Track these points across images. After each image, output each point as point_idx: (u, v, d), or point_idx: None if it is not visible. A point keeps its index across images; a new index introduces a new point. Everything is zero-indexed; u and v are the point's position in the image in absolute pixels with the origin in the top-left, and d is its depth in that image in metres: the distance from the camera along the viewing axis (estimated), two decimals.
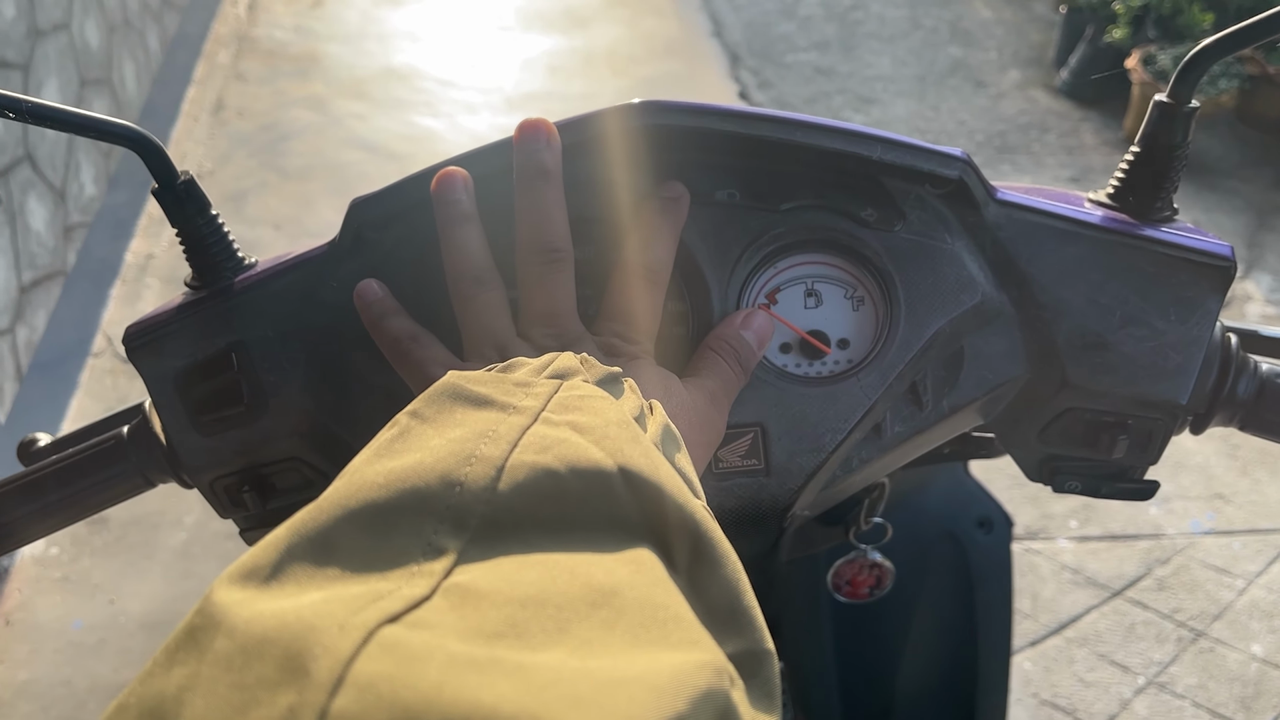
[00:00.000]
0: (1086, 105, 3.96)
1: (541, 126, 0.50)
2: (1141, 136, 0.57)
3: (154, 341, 0.56)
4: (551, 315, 0.49)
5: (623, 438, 0.33)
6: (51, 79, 2.63)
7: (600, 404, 0.36)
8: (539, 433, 0.32)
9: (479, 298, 0.49)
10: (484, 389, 0.35)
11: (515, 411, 0.34)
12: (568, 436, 0.32)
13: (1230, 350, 0.57)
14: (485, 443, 0.31)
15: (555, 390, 0.36)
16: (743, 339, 0.52)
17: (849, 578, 0.88)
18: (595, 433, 0.33)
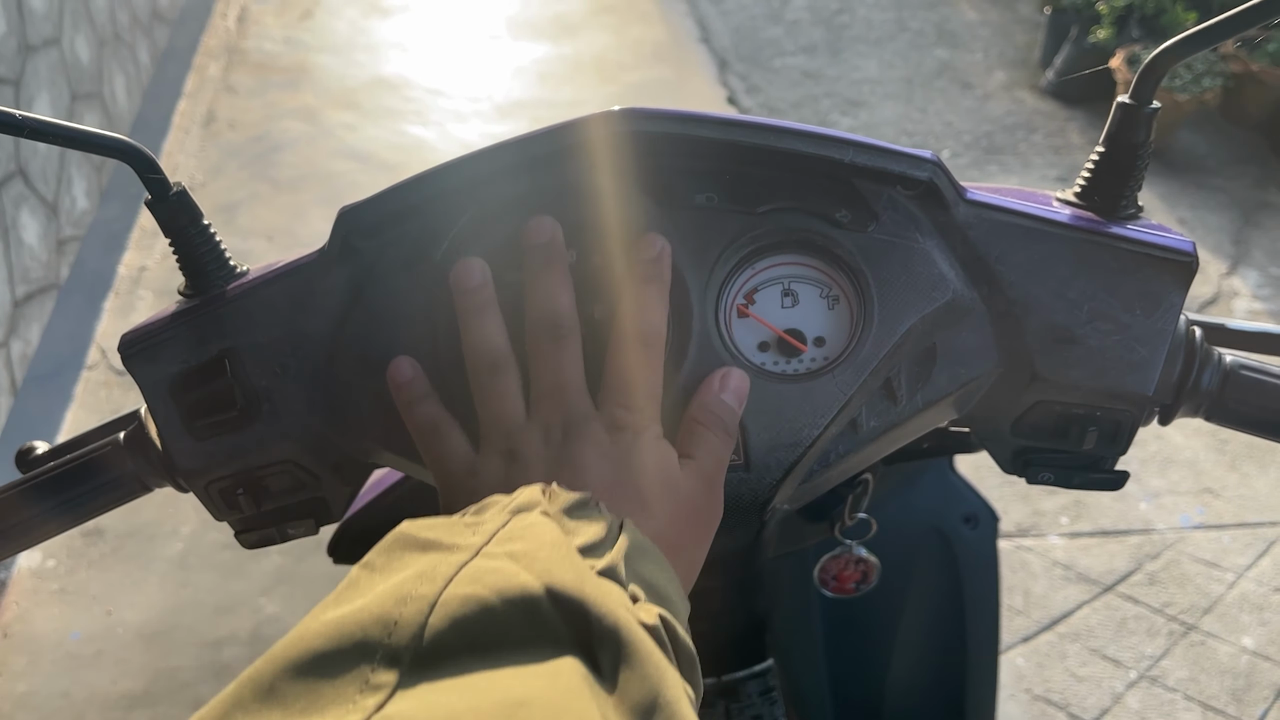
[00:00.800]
0: (1072, 105, 3.98)
1: (547, 222, 0.55)
2: (1105, 137, 0.58)
3: (149, 349, 0.57)
4: (558, 390, 0.52)
5: (553, 559, 0.36)
6: (43, 93, 2.64)
7: (539, 530, 0.38)
8: (476, 566, 0.35)
9: (494, 386, 0.53)
10: (431, 534, 0.38)
11: (457, 550, 0.36)
12: (502, 566, 0.35)
13: (1195, 343, 0.59)
14: (422, 582, 0.34)
15: (503, 524, 0.39)
16: (724, 404, 0.53)
17: (835, 573, 0.90)
18: (528, 558, 0.35)
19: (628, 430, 0.51)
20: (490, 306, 0.54)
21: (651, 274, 0.54)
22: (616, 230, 0.56)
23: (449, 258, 0.56)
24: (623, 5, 4.82)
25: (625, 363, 0.53)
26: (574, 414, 0.51)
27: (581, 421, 0.51)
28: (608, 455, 0.50)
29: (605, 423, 0.51)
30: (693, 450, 0.52)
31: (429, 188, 0.56)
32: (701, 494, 0.51)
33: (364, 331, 0.56)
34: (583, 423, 0.51)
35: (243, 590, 2.11)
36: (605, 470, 0.49)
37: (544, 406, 0.52)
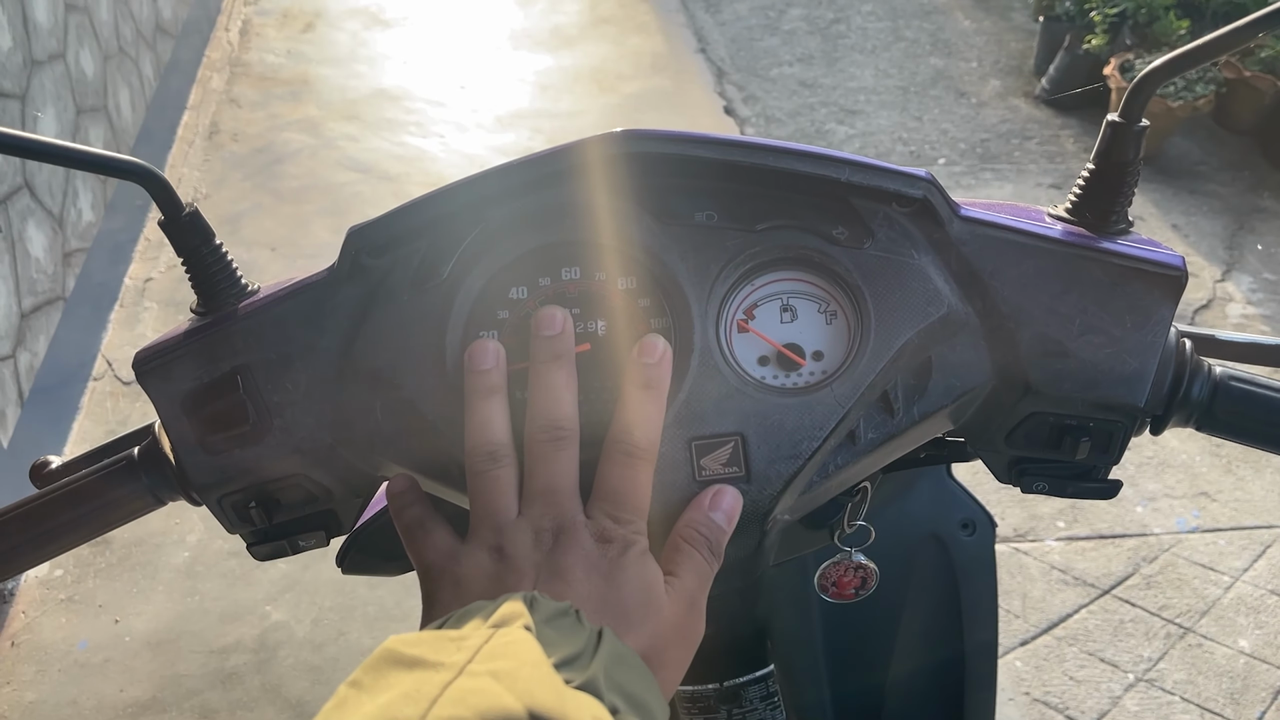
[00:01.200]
0: (1067, 112, 4.00)
1: (558, 315, 0.56)
2: (1096, 154, 0.60)
3: (163, 366, 0.59)
4: (551, 493, 0.53)
5: (534, 678, 0.37)
6: (48, 108, 2.66)
7: (521, 647, 0.39)
8: (460, 686, 0.36)
9: (489, 473, 0.53)
10: (417, 650, 0.39)
11: (442, 669, 0.37)
12: (485, 686, 0.36)
13: (1185, 354, 0.60)
14: (408, 704, 0.34)
15: (487, 640, 0.40)
16: (713, 522, 0.54)
17: (835, 579, 0.91)
18: (510, 677, 0.36)
19: (616, 542, 0.52)
20: (498, 393, 0.55)
21: (651, 380, 0.55)
22: (618, 247, 0.58)
23: (456, 275, 0.58)
24: (621, 16, 4.84)
25: (617, 473, 0.53)
26: (565, 519, 0.52)
27: (571, 528, 0.52)
28: (595, 566, 0.50)
29: (594, 532, 0.52)
30: (677, 569, 0.53)
31: (437, 207, 0.57)
32: (683, 614, 0.52)
33: (373, 348, 0.58)
34: (572, 529, 0.52)
35: (249, 598, 2.13)
36: (591, 581, 0.50)
37: (536, 507, 0.53)
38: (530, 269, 0.59)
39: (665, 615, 0.51)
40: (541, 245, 0.58)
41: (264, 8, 4.80)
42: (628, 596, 0.50)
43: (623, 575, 0.51)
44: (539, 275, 0.59)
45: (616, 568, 0.51)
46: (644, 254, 0.58)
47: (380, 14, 4.78)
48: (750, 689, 0.92)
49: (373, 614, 2.10)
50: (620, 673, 0.42)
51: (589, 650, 0.42)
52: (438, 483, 0.60)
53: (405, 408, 0.57)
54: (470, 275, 0.58)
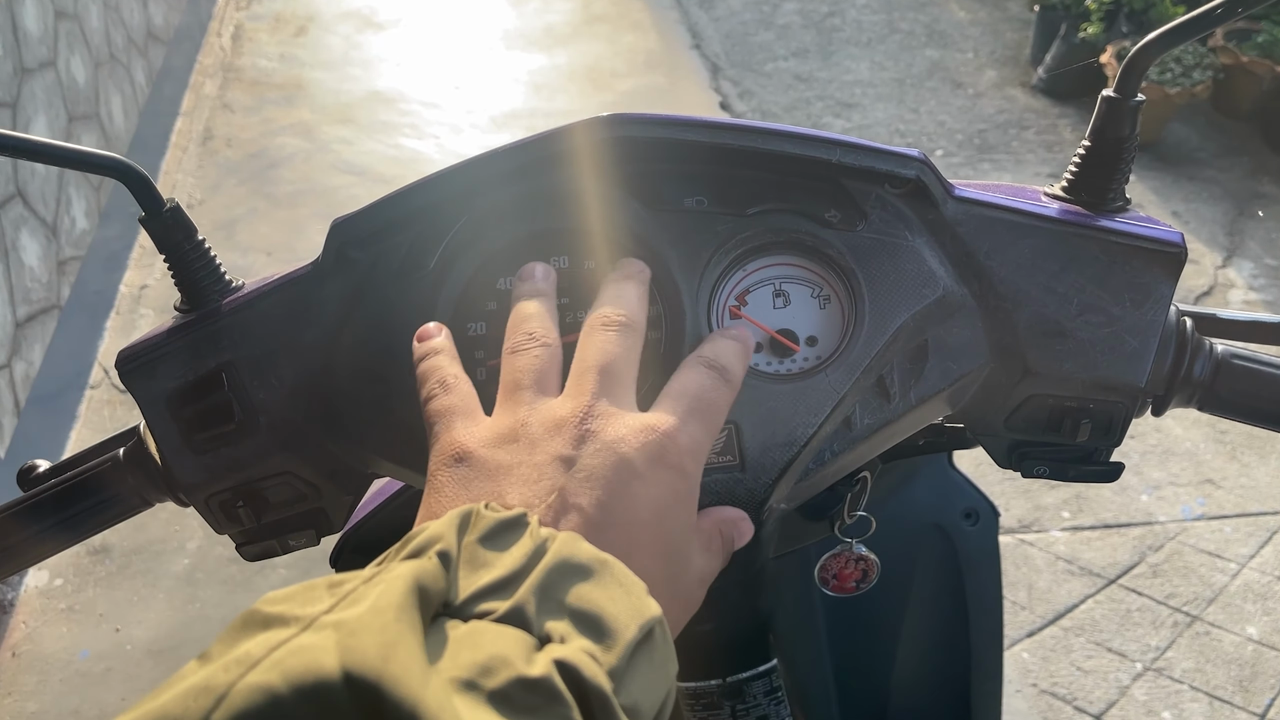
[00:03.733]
0: (1064, 101, 3.99)
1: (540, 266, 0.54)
2: (1091, 131, 0.59)
3: (146, 364, 0.58)
4: (608, 371, 0.47)
5: (372, 627, 0.31)
6: (40, 116, 2.65)
7: (382, 588, 0.33)
8: (293, 645, 0.31)
9: (529, 350, 0.49)
10: (283, 606, 0.33)
11: (292, 624, 0.32)
12: (315, 643, 0.31)
13: (1186, 333, 0.59)
14: (226, 670, 0.30)
15: (366, 580, 0.34)
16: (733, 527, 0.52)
17: (835, 571, 0.90)
18: (348, 628, 0.31)
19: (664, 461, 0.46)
20: (548, 297, 0.53)
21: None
22: (607, 234, 0.57)
23: (442, 266, 0.57)
24: (615, 14, 4.84)
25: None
26: (615, 401, 0.46)
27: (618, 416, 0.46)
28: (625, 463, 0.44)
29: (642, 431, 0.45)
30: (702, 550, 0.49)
31: (421, 198, 0.56)
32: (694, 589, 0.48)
33: (359, 342, 0.57)
34: (619, 417, 0.46)
35: (249, 604, 2.11)
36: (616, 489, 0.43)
37: (587, 381, 0.47)
38: (518, 258, 0.58)
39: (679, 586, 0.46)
40: (529, 234, 0.57)
41: (256, 12, 4.79)
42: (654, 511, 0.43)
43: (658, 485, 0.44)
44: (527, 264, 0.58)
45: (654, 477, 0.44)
46: (633, 241, 0.57)
47: (373, 17, 4.77)
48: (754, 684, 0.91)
49: None
50: (569, 587, 0.36)
51: (528, 568, 0.37)
52: None
53: (393, 402, 0.57)
54: (456, 266, 0.57)
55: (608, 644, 0.35)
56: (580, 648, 0.34)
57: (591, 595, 0.36)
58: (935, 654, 1.05)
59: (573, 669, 0.33)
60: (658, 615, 0.38)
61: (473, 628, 0.34)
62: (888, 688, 1.04)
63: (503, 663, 0.32)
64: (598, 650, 0.35)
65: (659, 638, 0.38)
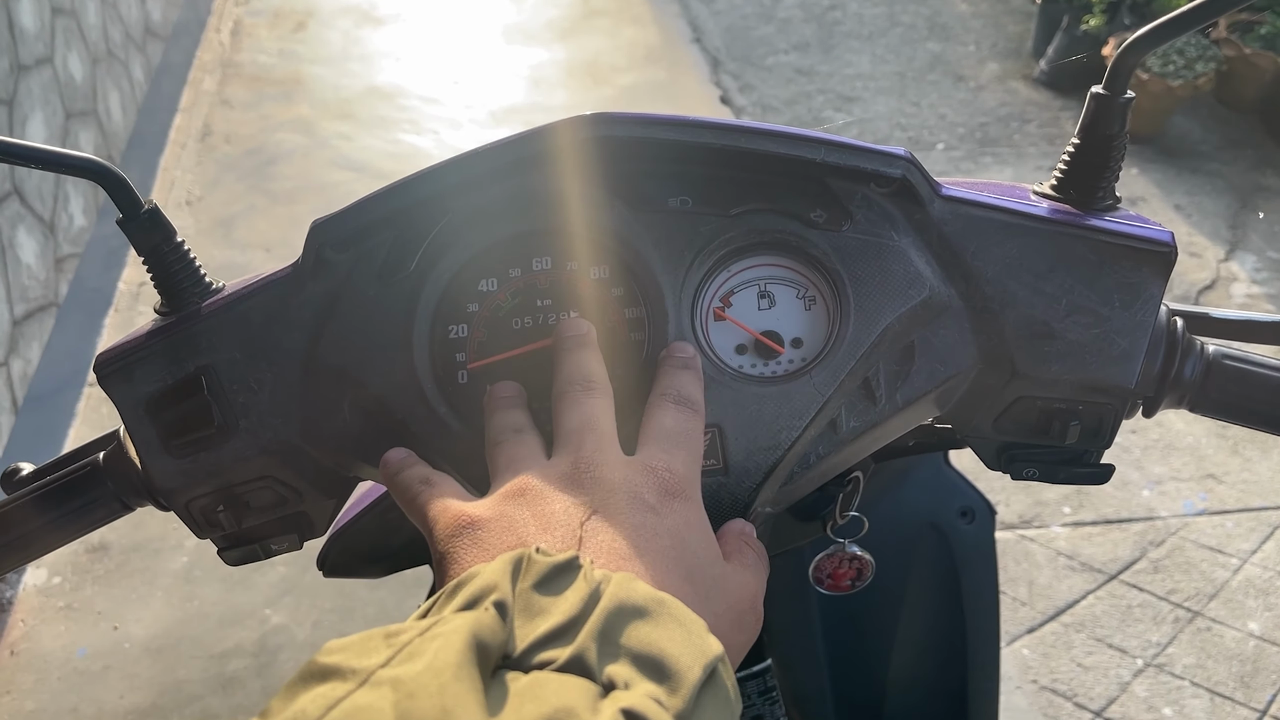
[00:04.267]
0: (1066, 94, 3.98)
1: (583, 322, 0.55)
2: (1080, 128, 0.58)
3: (124, 368, 0.57)
4: (588, 430, 0.48)
5: (430, 688, 0.31)
6: (37, 113, 2.64)
7: (439, 643, 0.33)
8: (350, 704, 0.30)
9: (511, 440, 0.50)
10: (338, 657, 0.33)
11: (348, 679, 0.32)
12: (371, 702, 0.30)
13: (1176, 333, 0.58)
14: None
15: (422, 632, 0.34)
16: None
17: (829, 571, 0.90)
18: (406, 688, 0.31)
19: (674, 496, 0.47)
20: (521, 406, 0.53)
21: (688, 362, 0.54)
22: (590, 235, 0.56)
23: (423, 268, 0.56)
24: (615, 8, 4.82)
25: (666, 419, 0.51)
26: (605, 454, 0.47)
27: (614, 462, 0.47)
28: (646, 505, 0.45)
29: (645, 467, 0.47)
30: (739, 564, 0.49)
31: (401, 198, 0.56)
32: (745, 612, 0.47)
33: (340, 344, 0.56)
34: (614, 464, 0.47)
35: (248, 602, 2.11)
36: (636, 521, 0.43)
37: (570, 444, 0.48)
38: (500, 259, 0.57)
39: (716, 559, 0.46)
40: (511, 235, 0.57)
41: (255, 8, 4.78)
42: (688, 551, 0.44)
43: (683, 533, 0.45)
44: (509, 266, 0.57)
45: (674, 523, 0.45)
46: (616, 242, 0.56)
47: (372, 11, 4.76)
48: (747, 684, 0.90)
49: (373, 615, 2.08)
50: (628, 629, 0.36)
51: (585, 613, 0.36)
52: None
53: (373, 405, 0.56)
54: (438, 267, 0.56)
55: (672, 686, 0.34)
56: (645, 693, 0.33)
57: (652, 636, 0.36)
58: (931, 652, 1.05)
59: (639, 717, 0.32)
60: (720, 653, 0.37)
61: (534, 679, 0.33)
62: (883, 686, 1.03)
63: (568, 715, 0.31)
64: (662, 694, 0.34)
65: (723, 676, 0.37)
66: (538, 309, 0.57)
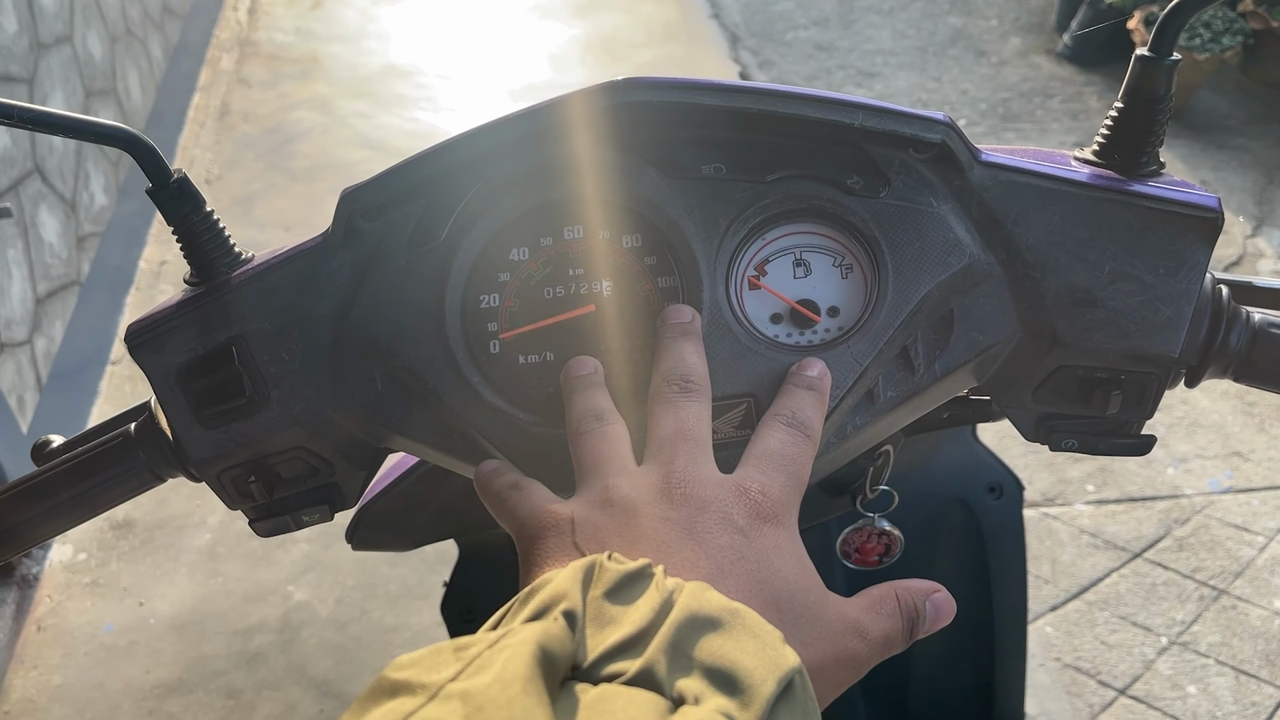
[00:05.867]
0: (1090, 69, 3.93)
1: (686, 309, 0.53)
2: (1125, 92, 0.57)
3: (155, 339, 0.57)
4: (683, 438, 0.47)
5: (498, 701, 0.30)
6: (56, 91, 2.65)
7: (508, 654, 0.32)
8: (420, 718, 0.30)
9: (596, 430, 0.49)
10: (408, 672, 0.32)
11: (419, 693, 0.31)
12: (440, 717, 0.30)
13: (1221, 302, 0.57)
14: None
15: (491, 644, 0.33)
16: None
17: (857, 545, 0.89)
18: (475, 701, 0.30)
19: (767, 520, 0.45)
20: (600, 387, 0.52)
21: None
22: (622, 204, 0.55)
23: (454, 237, 0.55)
24: None
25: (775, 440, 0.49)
26: (701, 466, 0.46)
27: (708, 478, 0.45)
28: (733, 524, 0.43)
29: (740, 486, 0.46)
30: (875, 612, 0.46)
31: (432, 166, 0.55)
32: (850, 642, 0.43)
33: (371, 314, 0.56)
34: (709, 479, 0.45)
35: (271, 578, 2.13)
36: (725, 538, 0.42)
37: (665, 451, 0.47)
38: (531, 228, 0.56)
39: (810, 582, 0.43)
40: (542, 203, 0.56)
41: None
42: (763, 562, 0.42)
43: (761, 539, 0.43)
44: (540, 235, 0.56)
45: (755, 531, 0.43)
46: (649, 209, 0.55)
47: None
48: None
49: (395, 592, 2.09)
50: (700, 641, 0.35)
51: (657, 623, 0.35)
52: (442, 454, 0.58)
53: (405, 375, 0.56)
54: (469, 236, 0.56)
55: (744, 700, 0.33)
56: (716, 708, 0.32)
57: (724, 649, 0.35)
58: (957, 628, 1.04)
59: None
60: (796, 665, 0.36)
61: (602, 692, 0.33)
62: (909, 662, 1.03)
63: None
64: (734, 708, 0.33)
65: (799, 689, 0.35)
66: (569, 278, 0.56)
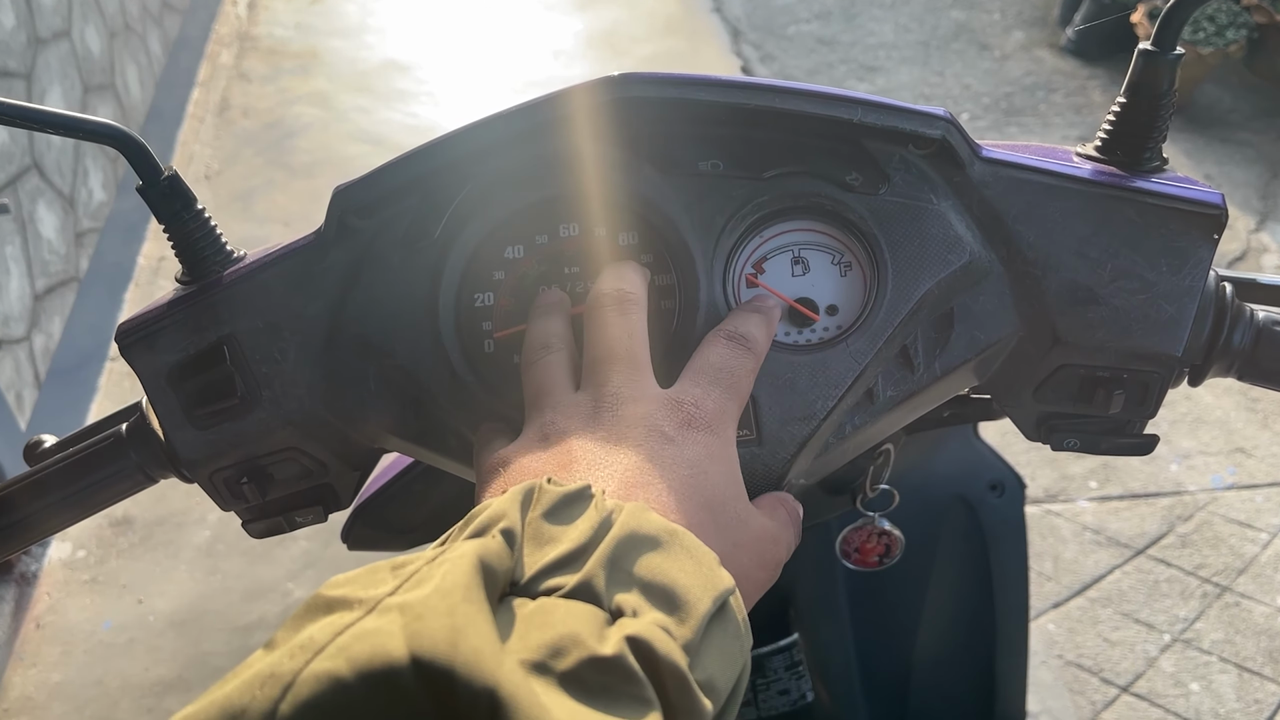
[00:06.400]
0: (1093, 63, 3.91)
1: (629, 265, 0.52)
2: (1127, 86, 0.56)
3: (146, 338, 0.56)
4: (615, 358, 0.47)
5: (439, 610, 0.30)
6: (55, 87, 2.64)
7: (447, 568, 0.32)
8: (359, 629, 0.29)
9: (541, 361, 0.49)
10: (345, 589, 0.32)
11: (355, 606, 0.31)
12: (380, 627, 0.29)
13: (1225, 299, 0.56)
14: (292, 656, 0.29)
15: (430, 560, 0.33)
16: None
17: (857, 544, 0.88)
18: (414, 611, 0.30)
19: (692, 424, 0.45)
20: (561, 310, 0.52)
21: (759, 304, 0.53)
22: (618, 200, 0.54)
23: (448, 235, 0.55)
24: None
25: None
26: (634, 384, 0.46)
27: (640, 396, 0.45)
28: (664, 436, 0.44)
29: (674, 399, 0.46)
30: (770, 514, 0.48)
31: (425, 163, 0.54)
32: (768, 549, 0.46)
33: (364, 313, 0.55)
34: (640, 397, 0.45)
35: (271, 575, 2.12)
36: (651, 453, 0.42)
37: (597, 374, 0.47)
38: (526, 226, 0.55)
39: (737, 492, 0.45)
40: (537, 200, 0.55)
41: None
42: (695, 469, 0.43)
43: (692, 445, 0.44)
44: (536, 233, 0.56)
45: (695, 457, 0.43)
46: (645, 207, 0.54)
47: None
48: (774, 659, 0.90)
49: None
50: (638, 558, 0.35)
51: (596, 540, 0.35)
52: (435, 454, 0.57)
53: (398, 375, 0.55)
54: (463, 234, 0.55)
55: (681, 616, 0.34)
56: (653, 621, 0.33)
57: (662, 566, 0.35)
58: (959, 627, 1.04)
59: (646, 645, 0.32)
60: (730, 586, 0.36)
61: (541, 605, 0.33)
62: (910, 661, 1.02)
63: (574, 642, 0.31)
64: (671, 623, 0.33)
65: (732, 610, 0.36)
66: (565, 276, 0.55)
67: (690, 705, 0.32)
